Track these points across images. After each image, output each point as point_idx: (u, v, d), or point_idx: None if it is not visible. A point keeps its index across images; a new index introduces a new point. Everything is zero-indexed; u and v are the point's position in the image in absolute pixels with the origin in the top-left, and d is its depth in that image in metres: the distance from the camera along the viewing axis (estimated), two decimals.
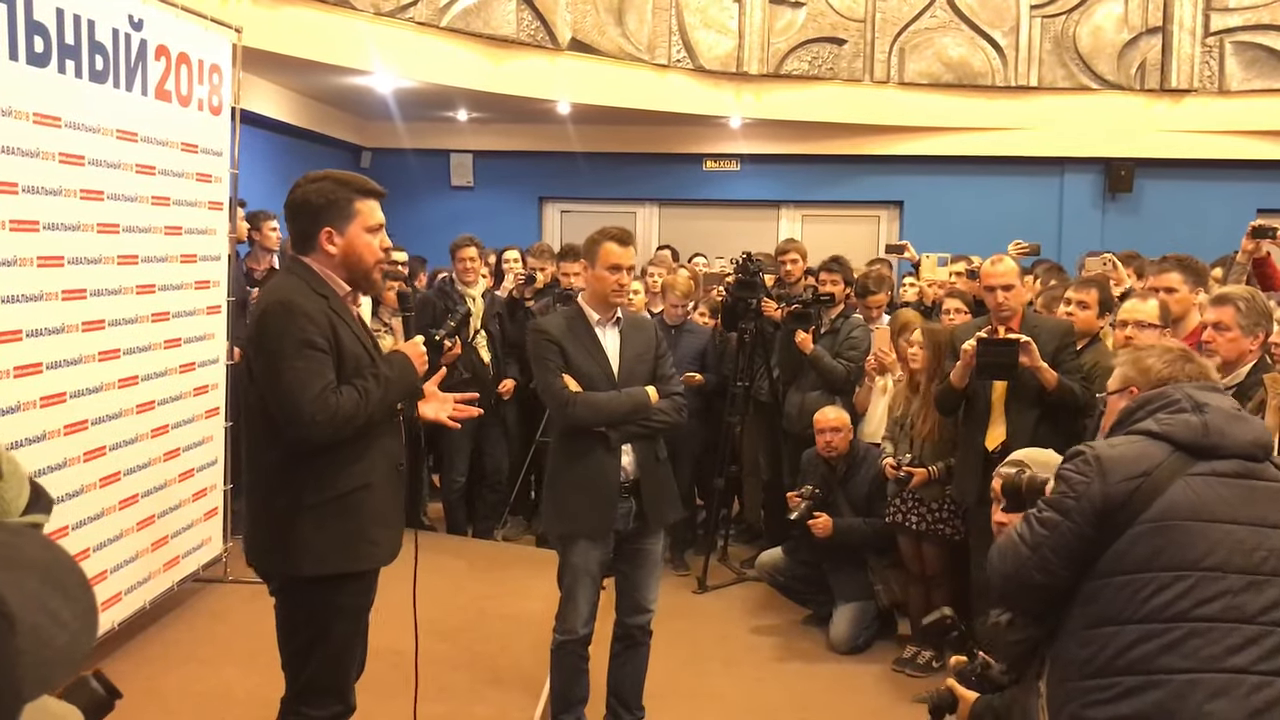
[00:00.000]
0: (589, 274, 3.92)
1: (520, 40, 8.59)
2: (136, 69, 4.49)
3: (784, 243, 7.26)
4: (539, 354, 3.89)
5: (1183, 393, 2.37)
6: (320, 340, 2.81)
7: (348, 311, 2.97)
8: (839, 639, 5.41)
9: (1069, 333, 4.71)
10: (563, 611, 4.03)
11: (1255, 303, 3.80)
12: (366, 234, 2.94)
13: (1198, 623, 2.14)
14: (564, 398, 3.80)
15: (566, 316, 3.99)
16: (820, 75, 9.85)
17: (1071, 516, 2.27)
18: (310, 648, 2.95)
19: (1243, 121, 9.71)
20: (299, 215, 2.95)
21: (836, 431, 5.49)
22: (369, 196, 2.97)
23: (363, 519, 2.92)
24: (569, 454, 3.93)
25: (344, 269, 2.95)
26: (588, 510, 3.90)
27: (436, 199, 10.83)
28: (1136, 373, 2.55)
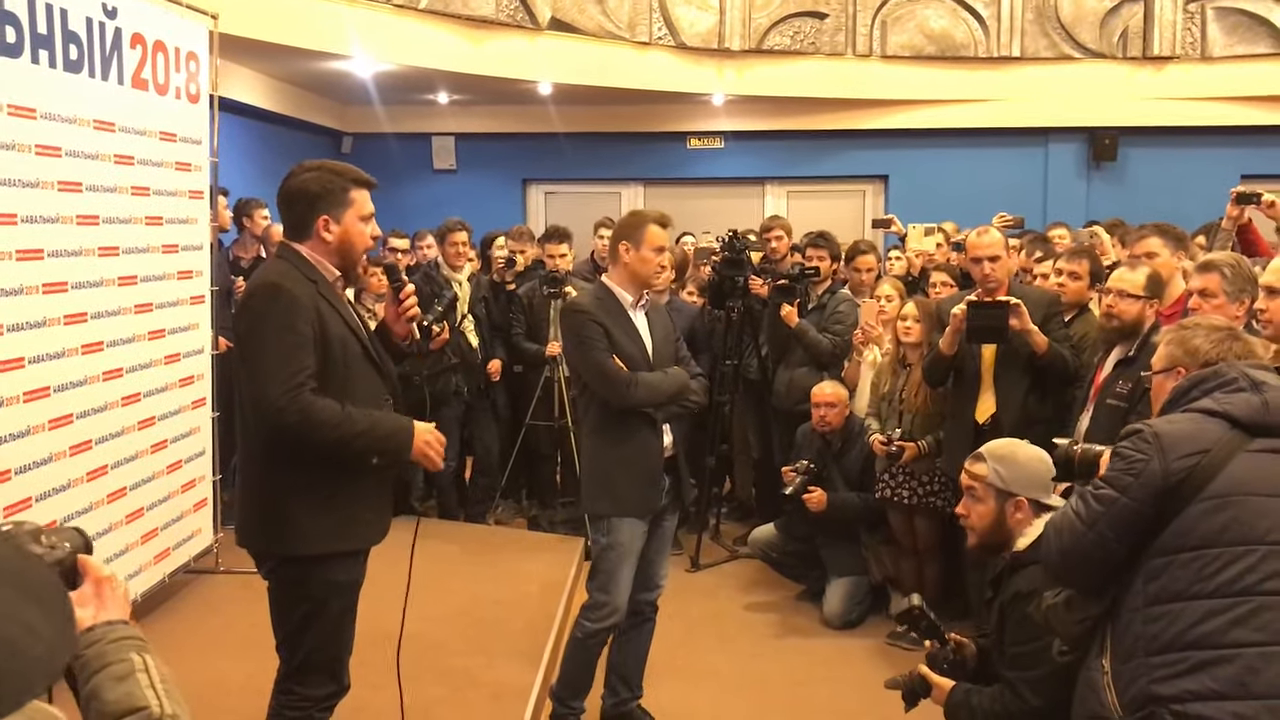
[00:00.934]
0: (633, 255, 3.87)
1: (500, 21, 8.53)
2: (112, 58, 4.44)
3: (768, 220, 7.25)
4: (585, 334, 3.83)
5: (1238, 371, 2.37)
6: (303, 326, 2.82)
7: (337, 296, 2.99)
8: (832, 614, 5.42)
9: (1055, 302, 4.72)
10: (603, 597, 3.95)
11: (1240, 269, 3.80)
12: (360, 223, 3.01)
13: (1267, 596, 2.14)
14: (626, 378, 3.81)
15: (598, 297, 3.94)
16: (802, 50, 9.81)
17: (1130, 493, 2.26)
18: (304, 626, 2.98)
19: (1226, 87, 9.70)
20: (296, 202, 2.99)
21: (832, 406, 5.49)
22: (362, 187, 3.04)
23: (352, 499, 2.95)
24: (614, 434, 3.91)
25: (337, 256, 3.00)
26: (637, 489, 3.93)
27: (419, 183, 10.78)
28: (1183, 353, 2.56)
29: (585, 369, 3.89)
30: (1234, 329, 2.63)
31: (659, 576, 4.20)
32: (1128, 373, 4.11)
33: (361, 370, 2.98)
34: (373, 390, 3.01)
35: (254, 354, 2.83)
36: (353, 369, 2.94)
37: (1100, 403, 4.18)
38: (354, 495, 2.95)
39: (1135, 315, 4.10)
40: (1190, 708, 2.13)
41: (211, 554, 5.48)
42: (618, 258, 3.92)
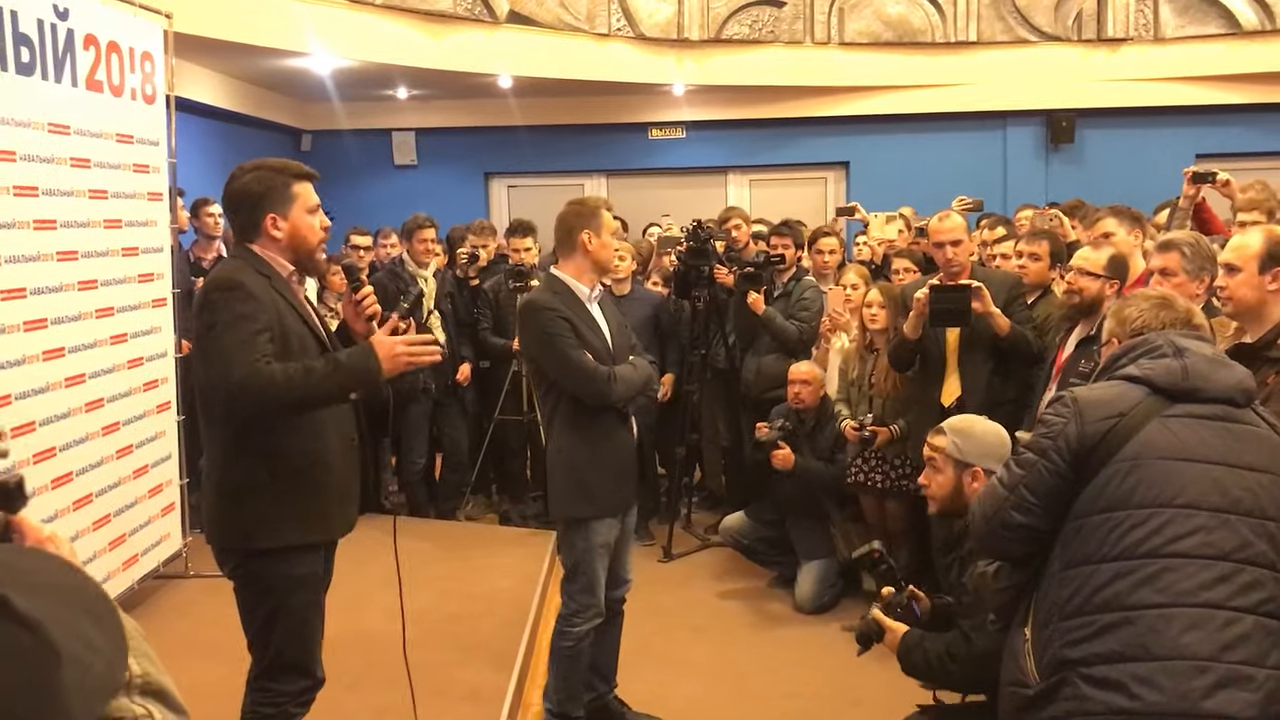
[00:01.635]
0: (596, 242, 3.77)
1: (458, 15, 8.49)
2: (65, 60, 4.38)
3: (726, 210, 7.25)
4: (555, 331, 3.69)
5: (1165, 338, 2.41)
6: (260, 315, 2.83)
7: (291, 292, 3.01)
8: (804, 599, 5.46)
9: (1018, 284, 4.77)
10: (587, 599, 3.88)
11: (1199, 247, 3.86)
12: (308, 215, 3.03)
13: (1172, 558, 2.16)
14: (606, 374, 3.71)
15: (556, 292, 3.80)
16: (761, 39, 9.83)
17: (1049, 456, 2.30)
18: (271, 623, 2.99)
19: (1179, 68, 9.82)
20: (241, 205, 3.01)
21: (807, 384, 5.51)
22: (304, 179, 3.06)
23: (316, 493, 2.97)
24: (587, 433, 3.79)
25: (290, 251, 3.02)
26: (613, 487, 3.86)
27: (380, 179, 10.72)
28: (1116, 323, 2.60)
29: (559, 368, 3.74)
30: (1169, 297, 2.65)
31: (628, 571, 4.19)
32: (1089, 351, 4.16)
33: None
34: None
35: (214, 344, 2.84)
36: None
37: (1063, 382, 4.23)
38: (316, 488, 2.97)
39: (1095, 293, 4.15)
40: (1096, 670, 2.15)
41: (181, 559, 5.44)
42: (577, 247, 3.80)
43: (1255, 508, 2.21)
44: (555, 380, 3.79)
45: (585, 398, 3.75)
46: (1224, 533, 2.18)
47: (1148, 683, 2.11)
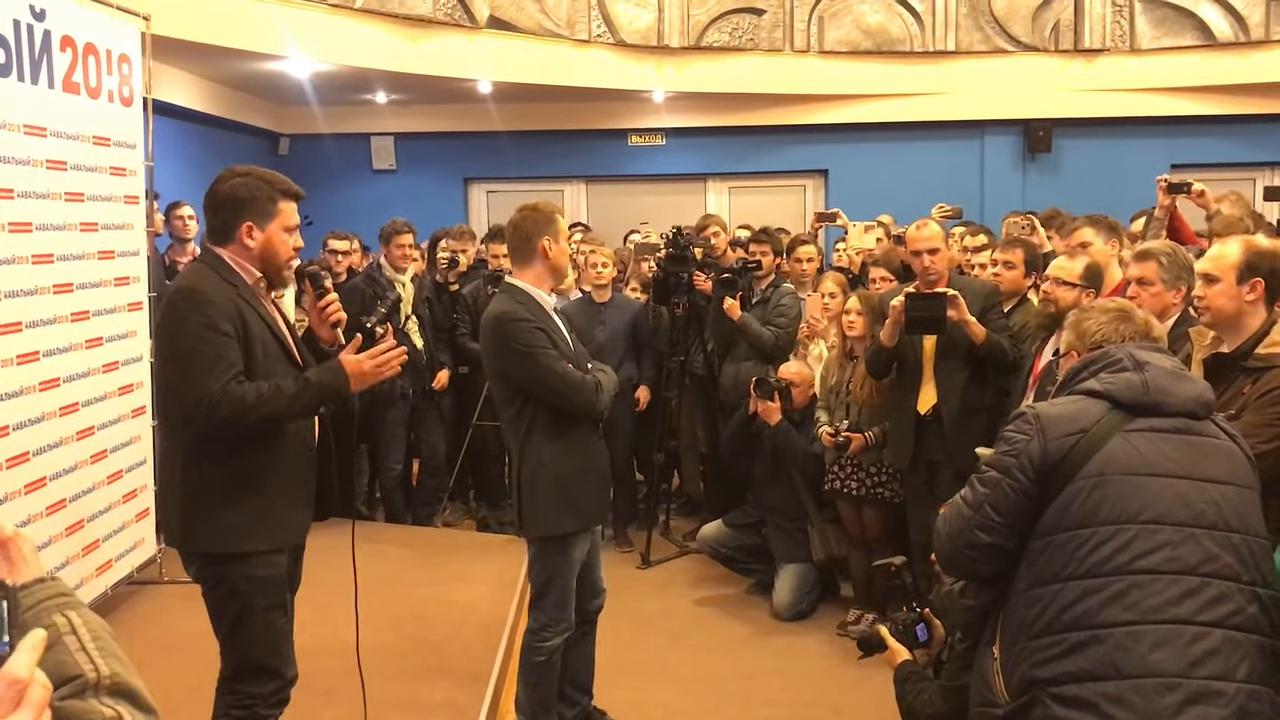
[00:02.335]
0: (556, 248, 3.70)
1: (437, 19, 8.47)
2: (41, 61, 4.35)
3: (704, 218, 7.25)
4: (533, 343, 3.59)
5: (1125, 352, 2.40)
6: (225, 325, 2.87)
7: (257, 300, 3.03)
8: (782, 605, 5.46)
9: (994, 293, 4.79)
10: (558, 614, 3.82)
11: (1177, 257, 3.88)
12: (284, 233, 3.06)
13: (1138, 575, 2.16)
14: (592, 383, 3.66)
15: (522, 303, 3.68)
16: (741, 46, 9.85)
17: (1012, 474, 2.29)
18: (237, 624, 3.01)
19: (1154, 79, 9.90)
20: (222, 208, 3.03)
21: (795, 387, 5.52)
22: (290, 198, 3.09)
23: (269, 499, 2.99)
24: (565, 444, 3.71)
25: (259, 262, 3.05)
26: (594, 499, 3.85)
27: (359, 183, 10.67)
28: (1075, 336, 2.59)
29: (543, 381, 3.63)
30: (1126, 309, 2.64)
31: (601, 582, 4.16)
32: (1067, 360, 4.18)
33: (280, 371, 3.00)
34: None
35: (182, 358, 2.89)
36: (271, 370, 2.97)
37: (1040, 390, 4.25)
38: (271, 493, 2.99)
39: (1072, 302, 4.17)
40: (1066, 690, 2.15)
41: (155, 564, 5.39)
42: (536, 254, 3.69)
43: (1219, 520, 2.22)
44: (534, 393, 3.67)
45: (572, 408, 3.67)
46: (1189, 547, 2.18)
47: (1118, 701, 2.11)
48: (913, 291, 4.63)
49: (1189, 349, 3.44)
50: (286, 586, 3.11)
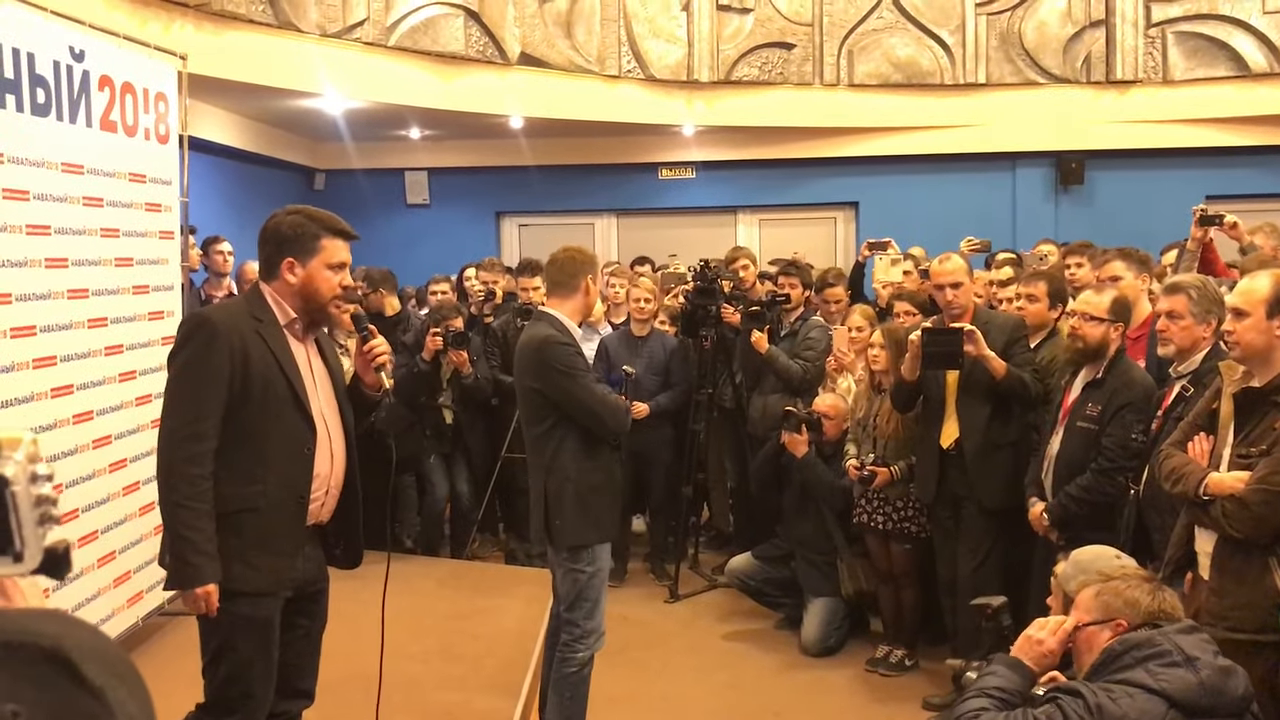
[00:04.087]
0: (594, 289, 4.09)
1: (469, 56, 8.58)
2: (80, 100, 4.44)
3: (732, 251, 7.27)
4: (575, 365, 3.88)
5: (1171, 643, 2.41)
6: (217, 360, 2.89)
7: (280, 338, 3.03)
8: (809, 641, 5.42)
9: (1020, 327, 4.76)
10: (592, 624, 3.99)
11: (1207, 290, 3.85)
12: (327, 270, 3.06)
13: None
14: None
15: (559, 329, 3.95)
16: (770, 80, 9.89)
17: None
18: (217, 659, 3.02)
19: (1188, 110, 9.84)
20: (267, 243, 3.09)
21: (828, 419, 5.50)
22: (337, 236, 3.10)
23: (243, 541, 2.95)
24: (591, 462, 3.95)
25: (300, 299, 3.06)
26: (612, 512, 4.08)
27: (392, 218, 10.78)
28: (1123, 604, 2.54)
29: (578, 400, 3.87)
30: (1153, 577, 2.65)
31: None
32: (1096, 395, 4.15)
33: (283, 413, 2.99)
34: (291, 434, 3.02)
35: (169, 387, 2.96)
36: (271, 411, 2.96)
37: (1070, 425, 4.23)
38: (242, 535, 2.95)
39: (1099, 338, 4.14)
40: None
41: None
42: (579, 290, 3.98)
43: None
44: (569, 413, 3.89)
45: (602, 428, 3.92)
46: None
47: None
48: (929, 326, 4.62)
49: (1219, 383, 3.41)
50: (274, 631, 3.05)
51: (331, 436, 3.13)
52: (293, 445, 3.02)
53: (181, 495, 2.86)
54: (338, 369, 3.24)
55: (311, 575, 3.19)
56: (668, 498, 6.69)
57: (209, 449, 2.89)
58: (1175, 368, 3.89)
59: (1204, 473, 3.22)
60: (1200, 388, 3.67)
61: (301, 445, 3.03)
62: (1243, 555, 3.13)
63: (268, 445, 2.97)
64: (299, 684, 3.22)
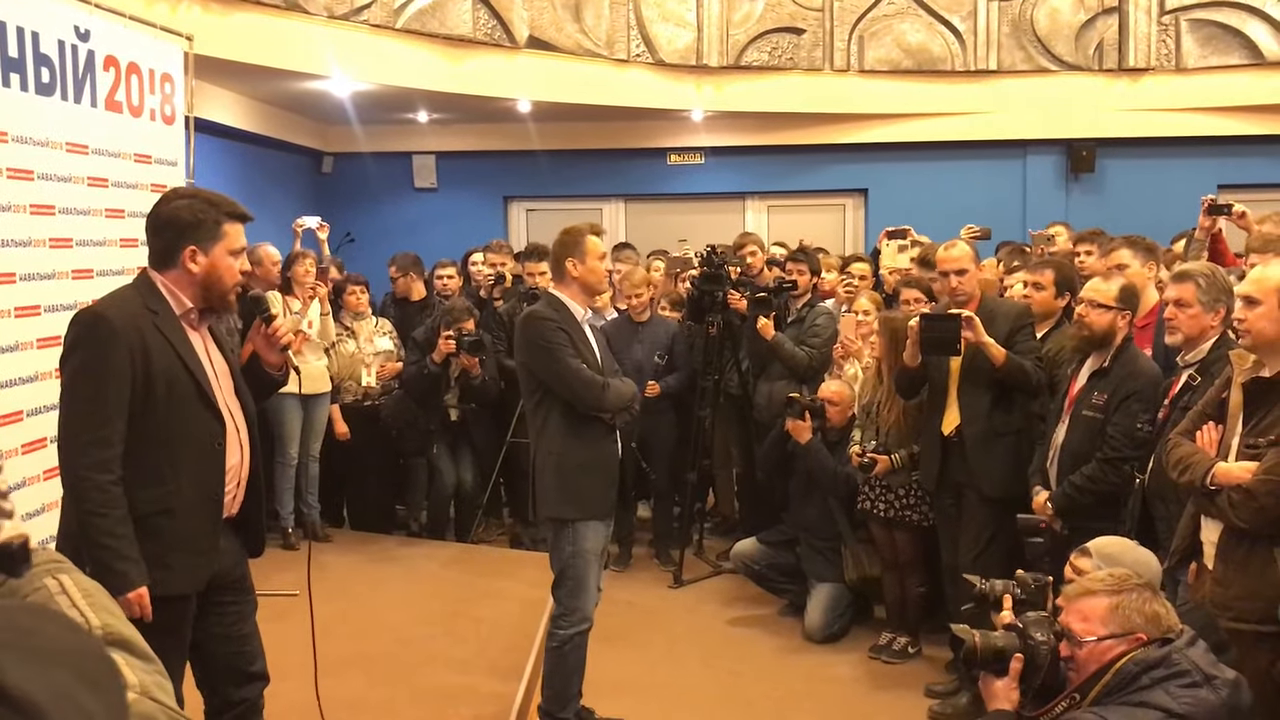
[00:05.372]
0: (582, 268, 4.06)
1: (477, 39, 8.54)
2: (85, 80, 4.44)
3: (741, 236, 7.26)
4: (554, 340, 3.95)
5: (1189, 662, 2.40)
6: (117, 361, 2.75)
7: (178, 330, 2.91)
8: (813, 627, 5.41)
9: (1025, 315, 4.72)
10: (573, 603, 4.06)
11: (1215, 279, 3.82)
12: (229, 256, 2.95)
13: None
14: (600, 382, 3.98)
15: (555, 307, 4.07)
16: (780, 65, 9.84)
17: None
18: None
19: (1201, 98, 9.76)
20: (164, 230, 2.93)
21: (834, 405, 5.49)
22: (236, 220, 2.98)
23: (159, 544, 2.84)
24: (577, 439, 4.02)
25: (201, 288, 2.93)
26: (600, 492, 4.07)
27: (400, 201, 10.76)
28: (1144, 620, 2.49)
29: (555, 374, 3.98)
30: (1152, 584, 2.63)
31: (600, 582, 4.26)
32: (1102, 384, 4.13)
33: (189, 410, 2.88)
34: (200, 430, 2.91)
35: (65, 391, 2.82)
36: (177, 408, 2.85)
37: (1075, 414, 4.20)
38: (156, 536, 2.84)
39: (1107, 325, 4.12)
40: None
41: None
42: (565, 274, 4.08)
43: None
44: (551, 387, 4.01)
45: (579, 403, 3.98)
46: None
47: None
48: (928, 313, 4.60)
49: (1229, 372, 3.38)
50: (182, 631, 2.94)
51: (238, 427, 3.03)
52: (202, 441, 2.91)
53: (94, 504, 2.73)
54: (232, 355, 3.13)
55: (228, 565, 3.07)
56: (672, 484, 6.69)
57: (116, 454, 2.76)
58: (1182, 356, 3.86)
59: (1212, 462, 3.20)
60: (1207, 377, 3.64)
61: (211, 440, 2.93)
62: (1248, 546, 3.12)
63: (176, 444, 2.86)
64: (249, 669, 3.14)
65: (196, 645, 3.01)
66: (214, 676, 3.09)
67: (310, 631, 3.38)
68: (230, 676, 3.10)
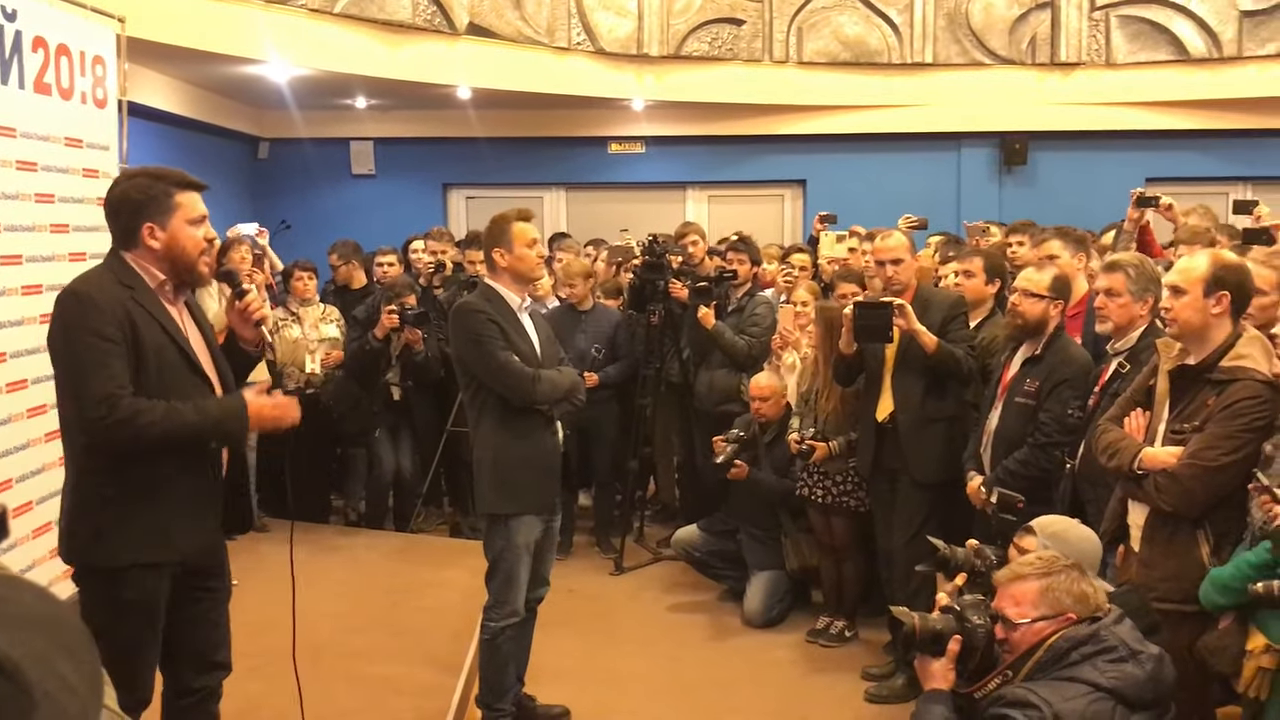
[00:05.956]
0: (509, 258, 3.98)
1: (417, 25, 8.46)
2: (12, 61, 4.34)
3: (682, 226, 7.30)
4: (483, 332, 3.88)
5: (1116, 637, 2.50)
6: (110, 330, 2.78)
7: (158, 304, 2.93)
8: (752, 612, 5.48)
9: (959, 304, 4.80)
10: (503, 596, 4.03)
11: (1144, 269, 3.93)
12: (189, 226, 2.95)
13: None
14: (530, 374, 3.89)
15: (488, 298, 4.00)
16: (720, 56, 9.88)
17: None
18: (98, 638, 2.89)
19: (1130, 93, 9.97)
20: (119, 212, 2.94)
21: (765, 400, 5.54)
22: (189, 189, 2.98)
23: (159, 513, 2.88)
24: (512, 432, 3.96)
25: (166, 262, 2.94)
26: (536, 486, 4.02)
27: (338, 188, 10.64)
28: (1073, 600, 2.59)
29: (485, 366, 3.91)
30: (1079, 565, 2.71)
31: (547, 573, 4.28)
32: (1035, 371, 4.22)
33: (178, 376, 2.91)
34: (190, 396, 2.92)
35: (67, 365, 2.83)
36: (168, 378, 2.87)
37: (1009, 401, 4.29)
38: (156, 505, 2.87)
39: (1039, 314, 4.21)
40: None
41: None
42: (495, 264, 4.02)
43: None
44: (483, 380, 3.94)
45: (510, 396, 3.92)
46: None
47: None
48: (861, 300, 4.67)
49: (1156, 360, 3.48)
50: (159, 609, 2.96)
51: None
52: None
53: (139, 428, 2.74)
54: (209, 331, 3.15)
55: (211, 546, 3.10)
56: (613, 472, 6.71)
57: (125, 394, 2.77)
58: (1112, 345, 3.96)
59: (1139, 447, 3.29)
60: (1136, 365, 3.74)
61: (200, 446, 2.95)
62: (1172, 528, 3.22)
63: None
64: (214, 657, 3.14)
65: (166, 627, 2.99)
66: (176, 661, 3.07)
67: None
68: (193, 662, 3.08)
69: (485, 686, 4.16)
